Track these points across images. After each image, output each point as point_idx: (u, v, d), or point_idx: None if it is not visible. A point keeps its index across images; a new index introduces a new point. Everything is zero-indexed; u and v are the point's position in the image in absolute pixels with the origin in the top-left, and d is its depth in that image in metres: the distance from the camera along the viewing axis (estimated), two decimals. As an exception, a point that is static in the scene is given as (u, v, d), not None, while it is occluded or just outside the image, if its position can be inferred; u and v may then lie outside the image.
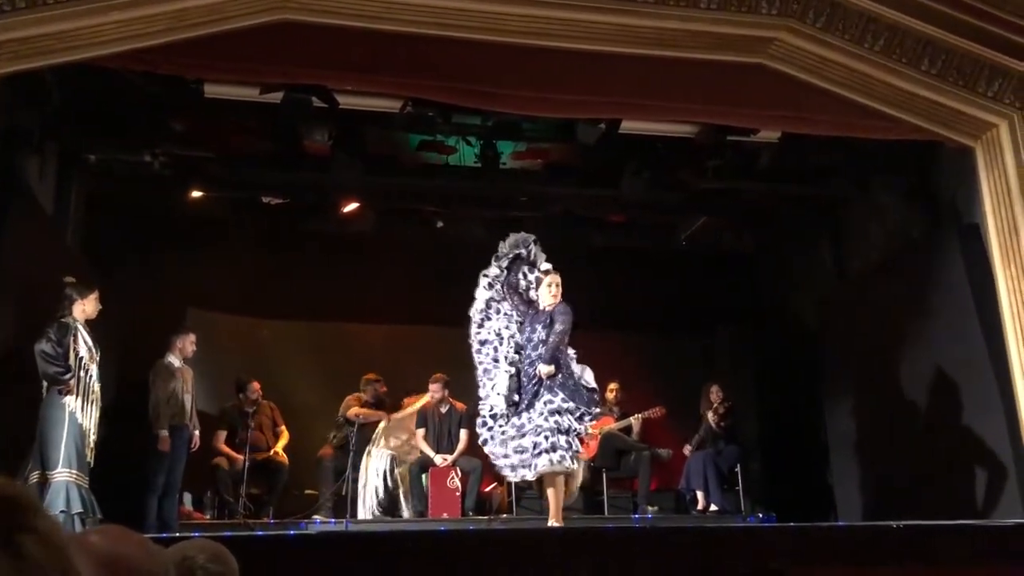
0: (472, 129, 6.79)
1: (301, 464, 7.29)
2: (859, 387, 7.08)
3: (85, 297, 5.20)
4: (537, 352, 5.18)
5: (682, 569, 3.98)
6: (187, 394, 6.40)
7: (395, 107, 6.15)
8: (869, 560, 4.14)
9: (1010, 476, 5.48)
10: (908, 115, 5.75)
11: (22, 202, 5.55)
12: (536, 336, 5.23)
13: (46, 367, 5.01)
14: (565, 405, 5.00)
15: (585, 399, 5.11)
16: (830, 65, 5.59)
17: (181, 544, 1.69)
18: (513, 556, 3.95)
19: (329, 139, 6.59)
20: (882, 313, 6.86)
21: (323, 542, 4.52)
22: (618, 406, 7.85)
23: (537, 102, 5.75)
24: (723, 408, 7.60)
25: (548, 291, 5.31)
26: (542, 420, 4.96)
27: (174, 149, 6.68)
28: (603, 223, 8.50)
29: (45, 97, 5.80)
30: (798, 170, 7.23)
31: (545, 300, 5.32)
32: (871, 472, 6.80)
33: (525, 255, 5.46)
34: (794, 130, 6.29)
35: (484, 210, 7.94)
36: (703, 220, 8.37)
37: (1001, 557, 4.19)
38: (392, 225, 8.01)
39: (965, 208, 6.15)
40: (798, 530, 5.18)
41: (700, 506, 7.34)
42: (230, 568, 1.68)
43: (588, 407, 5.11)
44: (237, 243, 7.89)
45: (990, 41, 5.48)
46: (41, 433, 4.99)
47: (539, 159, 7.57)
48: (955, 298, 6.04)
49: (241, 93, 5.94)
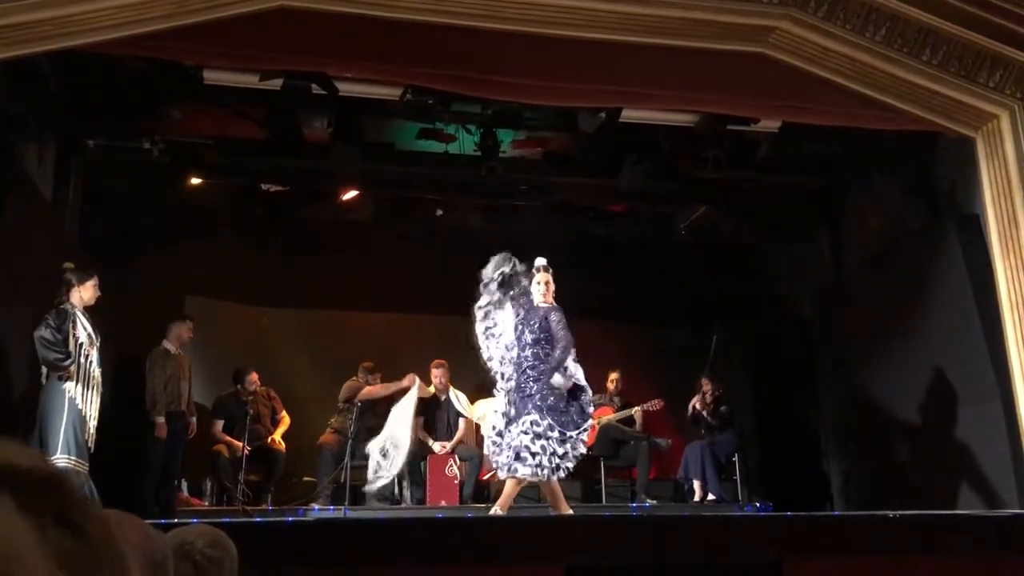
0: (472, 117, 6.77)
1: (300, 452, 7.29)
2: (857, 377, 7.09)
3: (83, 283, 5.19)
4: (526, 355, 5.01)
5: (679, 558, 3.98)
6: (184, 381, 6.42)
7: (395, 95, 6.14)
8: (865, 550, 4.14)
9: (1007, 467, 5.49)
10: (909, 105, 5.73)
11: (21, 189, 5.54)
12: (525, 339, 5.03)
13: (46, 353, 5.01)
14: (551, 434, 4.82)
15: (573, 420, 4.94)
16: (831, 55, 5.56)
17: (180, 529, 1.72)
18: (511, 544, 3.96)
19: (328, 127, 6.59)
20: (880, 303, 6.87)
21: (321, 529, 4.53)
22: (619, 396, 7.87)
23: (537, 90, 5.73)
24: (711, 398, 7.61)
25: (538, 289, 5.16)
26: (523, 437, 4.83)
27: (173, 136, 6.68)
28: (602, 213, 8.50)
29: (43, 83, 5.78)
30: (797, 160, 7.23)
31: (536, 299, 5.17)
32: (868, 462, 6.82)
33: (510, 271, 5.21)
34: (794, 120, 6.28)
35: (483, 199, 7.93)
36: (702, 210, 8.37)
37: (997, 547, 4.21)
38: (391, 213, 8.01)
39: (965, 199, 6.15)
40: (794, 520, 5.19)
41: (698, 496, 7.36)
42: (229, 553, 1.70)
43: (576, 426, 4.93)
44: (236, 230, 7.87)
45: (992, 31, 5.46)
46: (41, 419, 4.99)
47: (539, 148, 7.56)
48: (954, 289, 6.04)
49: (240, 80, 5.93)
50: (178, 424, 6.30)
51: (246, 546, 1.78)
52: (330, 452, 6.98)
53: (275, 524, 4.70)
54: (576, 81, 5.61)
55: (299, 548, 3.76)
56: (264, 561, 3.30)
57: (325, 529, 4.37)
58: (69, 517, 0.57)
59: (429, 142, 7.14)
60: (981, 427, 5.76)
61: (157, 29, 4.72)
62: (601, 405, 7.90)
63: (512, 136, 7.22)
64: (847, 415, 7.21)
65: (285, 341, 8.25)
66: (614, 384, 7.88)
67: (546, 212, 8.15)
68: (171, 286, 7.30)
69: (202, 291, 7.77)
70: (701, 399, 7.62)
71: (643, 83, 5.71)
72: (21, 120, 5.61)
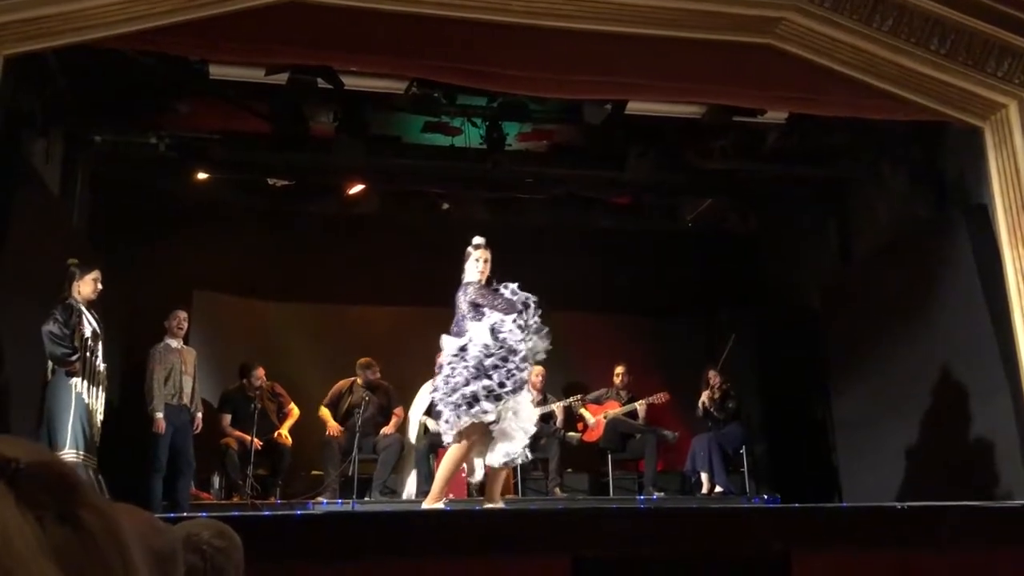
0: (477, 110, 6.76)
1: (307, 445, 7.31)
2: (864, 368, 7.06)
3: (82, 277, 5.20)
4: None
5: (686, 550, 3.98)
6: (187, 375, 6.41)
7: (400, 88, 6.13)
8: (874, 542, 4.13)
9: (1016, 458, 5.47)
10: (916, 95, 5.70)
11: (29, 184, 5.54)
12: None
13: (53, 348, 5.03)
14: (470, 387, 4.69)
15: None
16: (838, 45, 5.54)
17: (186, 522, 1.77)
18: (519, 536, 3.96)
19: (334, 121, 6.57)
20: (888, 294, 6.84)
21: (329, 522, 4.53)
22: (625, 390, 7.86)
23: (543, 83, 5.71)
24: (719, 392, 7.60)
25: (475, 266, 5.06)
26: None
27: (179, 131, 6.68)
28: (608, 205, 8.47)
29: (50, 79, 5.78)
30: (804, 151, 7.19)
31: (471, 276, 5.07)
32: (876, 454, 6.80)
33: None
34: (801, 111, 6.25)
35: (489, 192, 7.91)
36: (708, 202, 8.34)
37: (1006, 539, 4.20)
38: (397, 207, 8.00)
39: (973, 189, 6.12)
40: (803, 511, 5.18)
41: (705, 488, 7.36)
42: (235, 543, 1.74)
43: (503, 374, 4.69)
44: (242, 225, 7.88)
45: (1000, 20, 5.42)
46: (48, 414, 5.01)
47: (544, 140, 7.54)
48: (961, 279, 6.01)
49: (246, 75, 5.92)
50: (180, 418, 6.30)
51: (255, 540, 1.80)
52: (338, 445, 6.99)
53: (283, 518, 4.70)
54: (582, 73, 5.59)
55: (307, 542, 3.77)
56: (273, 555, 3.33)
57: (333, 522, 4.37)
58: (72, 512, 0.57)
59: (435, 135, 7.13)
60: (990, 418, 5.73)
61: (166, 23, 4.73)
62: (608, 399, 7.90)
63: (518, 129, 7.20)
64: (855, 406, 7.19)
65: (291, 335, 8.25)
66: (620, 378, 7.86)
67: (552, 205, 8.14)
68: (177, 280, 7.31)
69: (208, 285, 7.77)
70: (709, 393, 7.60)
71: (649, 75, 5.68)
72: (29, 116, 5.61)
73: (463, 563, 3.76)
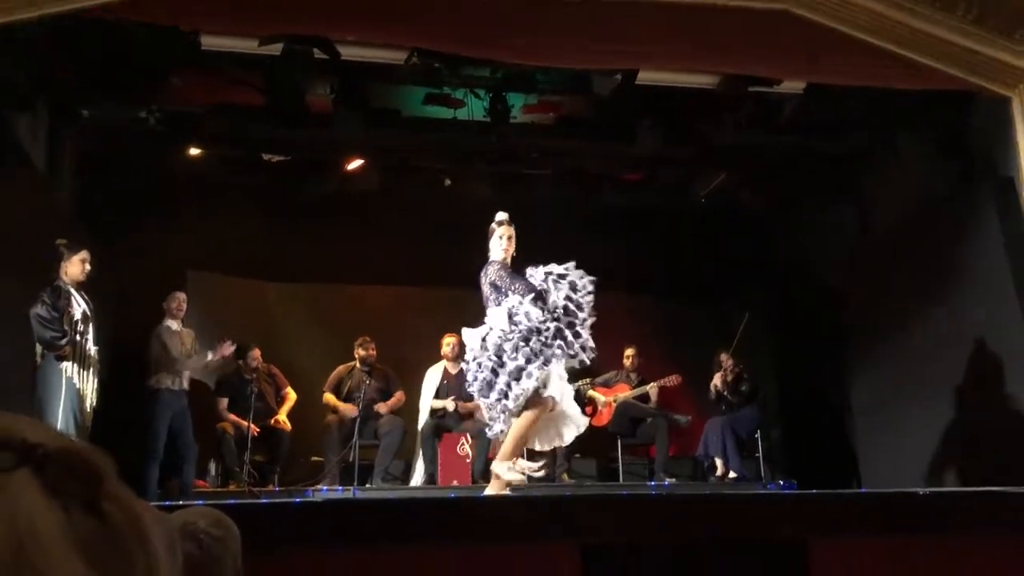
0: (481, 81, 6.51)
1: (307, 431, 7.15)
2: (884, 349, 6.85)
3: (69, 258, 5.06)
4: None
5: (699, 538, 3.83)
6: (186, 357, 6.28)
7: (400, 59, 5.89)
8: (894, 528, 3.98)
9: (1043, 441, 5.28)
10: (941, 63, 5.53)
11: (13, 159, 5.43)
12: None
13: (42, 332, 4.94)
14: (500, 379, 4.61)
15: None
16: (859, 11, 5.38)
17: (182, 511, 1.77)
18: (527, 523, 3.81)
19: (331, 93, 6.35)
20: (909, 271, 6.62)
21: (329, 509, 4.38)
22: (636, 372, 7.68)
23: (550, 52, 5.52)
24: (732, 374, 7.41)
25: (499, 244, 4.93)
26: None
27: (170, 105, 6.48)
28: (617, 181, 8.22)
29: (35, 50, 5.57)
30: (822, 123, 6.94)
31: (496, 254, 4.94)
32: (896, 437, 6.60)
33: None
34: (820, 80, 6.01)
35: (493, 166, 7.68)
36: (722, 176, 8.09)
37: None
38: (397, 183, 7.76)
39: (1000, 161, 5.88)
40: (820, 498, 5.03)
41: (719, 473, 7.17)
42: (231, 532, 1.74)
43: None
44: (236, 202, 7.66)
45: (1032, -17, 5.19)
46: (38, 399, 4.92)
47: (551, 112, 7.30)
48: (987, 255, 5.81)
49: (239, 45, 5.71)
50: (181, 402, 6.15)
51: (253, 528, 1.79)
52: (338, 431, 6.83)
53: (282, 505, 4.55)
54: (590, 41, 5.42)
55: (307, 530, 3.63)
56: (272, 543, 3.26)
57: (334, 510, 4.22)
58: (98, 503, 0.55)
59: (436, 108, 6.88)
60: (1014, 401, 5.54)
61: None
62: (617, 382, 7.71)
63: (523, 100, 6.95)
64: (874, 388, 6.98)
65: (289, 315, 8.10)
66: (630, 360, 7.71)
67: (559, 180, 7.89)
68: (170, 260, 7.12)
69: (203, 265, 7.62)
70: (722, 376, 7.41)
71: (661, 43, 5.52)
72: (14, 88, 5.43)
73: (468, 551, 3.64)
